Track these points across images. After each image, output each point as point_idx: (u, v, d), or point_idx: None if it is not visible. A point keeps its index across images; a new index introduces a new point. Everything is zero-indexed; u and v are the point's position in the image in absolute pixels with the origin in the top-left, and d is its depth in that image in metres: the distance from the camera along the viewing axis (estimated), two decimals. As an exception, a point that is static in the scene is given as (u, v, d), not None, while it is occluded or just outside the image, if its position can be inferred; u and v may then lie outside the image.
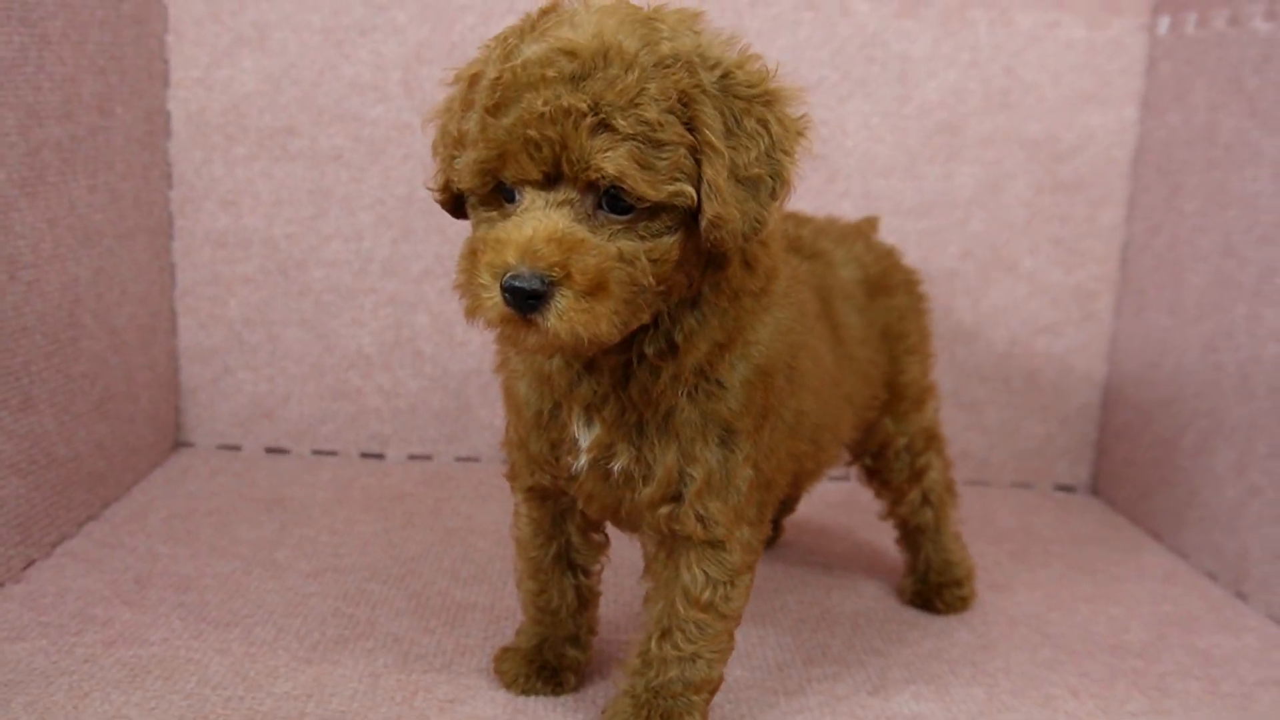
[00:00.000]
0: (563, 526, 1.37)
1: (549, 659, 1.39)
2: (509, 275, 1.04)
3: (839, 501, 2.11)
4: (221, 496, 1.98)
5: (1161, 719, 1.40)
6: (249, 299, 2.17)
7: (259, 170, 2.12)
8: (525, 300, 1.04)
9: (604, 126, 1.04)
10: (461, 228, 2.12)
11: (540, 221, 1.06)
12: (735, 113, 1.10)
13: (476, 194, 1.12)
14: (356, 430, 2.22)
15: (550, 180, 1.07)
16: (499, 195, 1.11)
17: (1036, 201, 2.18)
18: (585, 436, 1.22)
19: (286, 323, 2.18)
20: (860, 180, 2.17)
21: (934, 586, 1.69)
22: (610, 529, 1.40)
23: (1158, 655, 1.58)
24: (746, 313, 1.21)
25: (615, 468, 1.22)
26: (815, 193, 2.16)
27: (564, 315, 1.05)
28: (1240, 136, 1.88)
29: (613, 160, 1.04)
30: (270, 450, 2.23)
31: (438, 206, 2.10)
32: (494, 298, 1.06)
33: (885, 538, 1.84)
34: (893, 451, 1.64)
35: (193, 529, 1.83)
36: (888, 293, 1.58)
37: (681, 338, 1.17)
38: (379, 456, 2.24)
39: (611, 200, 1.07)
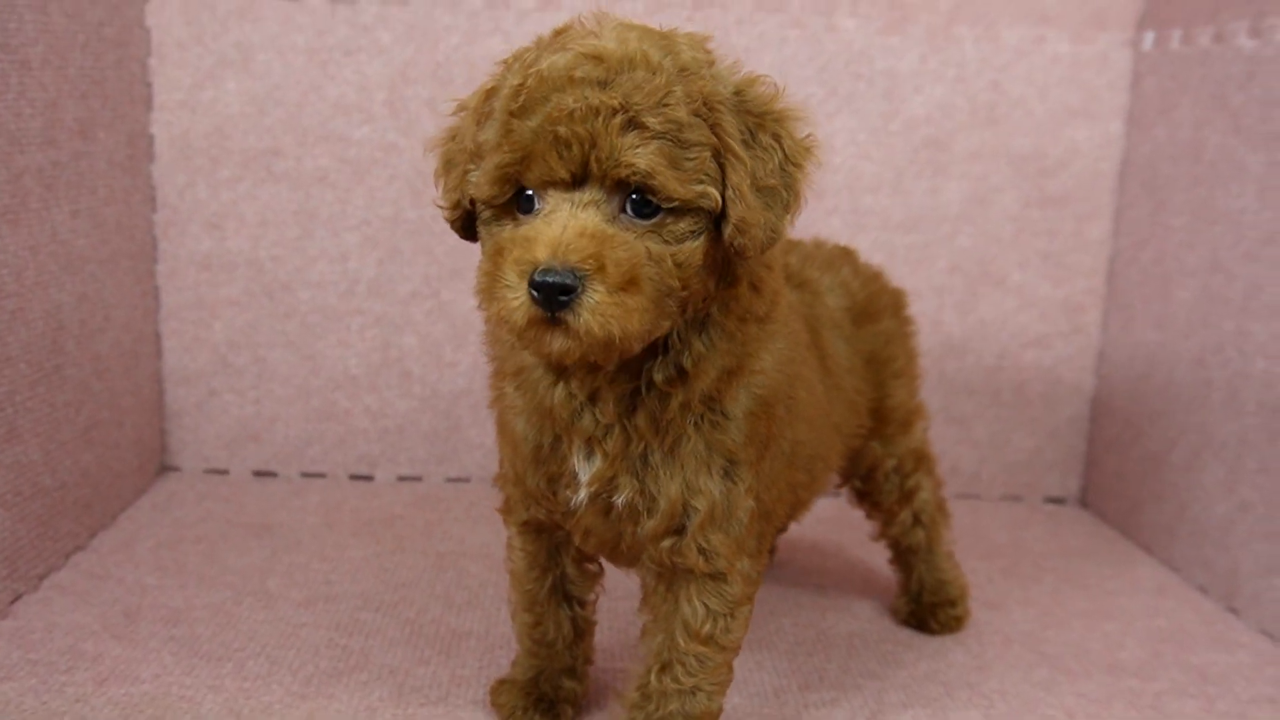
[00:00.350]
0: (558, 559, 1.36)
1: (546, 691, 1.38)
2: (539, 272, 1.02)
3: (831, 517, 2.11)
4: (209, 523, 1.96)
5: (1159, 741, 1.41)
6: (234, 321, 2.15)
7: (243, 192, 2.10)
8: (556, 297, 1.02)
9: (634, 125, 1.05)
10: (448, 248, 2.12)
11: (570, 219, 1.05)
12: (750, 126, 1.12)
13: (493, 204, 1.11)
14: (345, 452, 2.21)
15: (576, 181, 1.06)
16: (514, 208, 1.10)
17: (1024, 216, 2.19)
18: (585, 470, 1.21)
19: (272, 345, 2.16)
20: (848, 197, 2.17)
21: (928, 607, 1.69)
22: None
23: (1154, 673, 1.58)
24: (752, 339, 1.21)
25: (619, 501, 1.21)
26: (803, 210, 2.15)
27: (597, 311, 1.03)
28: (1225, 153, 1.89)
29: (644, 156, 1.04)
30: (258, 473, 2.21)
31: (424, 227, 2.11)
32: (520, 298, 1.04)
33: (878, 554, 1.84)
34: (882, 474, 1.63)
35: (181, 558, 1.81)
36: (873, 319, 1.57)
37: (690, 363, 1.17)
38: (368, 478, 2.22)
39: (636, 205, 1.07)
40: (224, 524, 1.96)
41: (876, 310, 1.58)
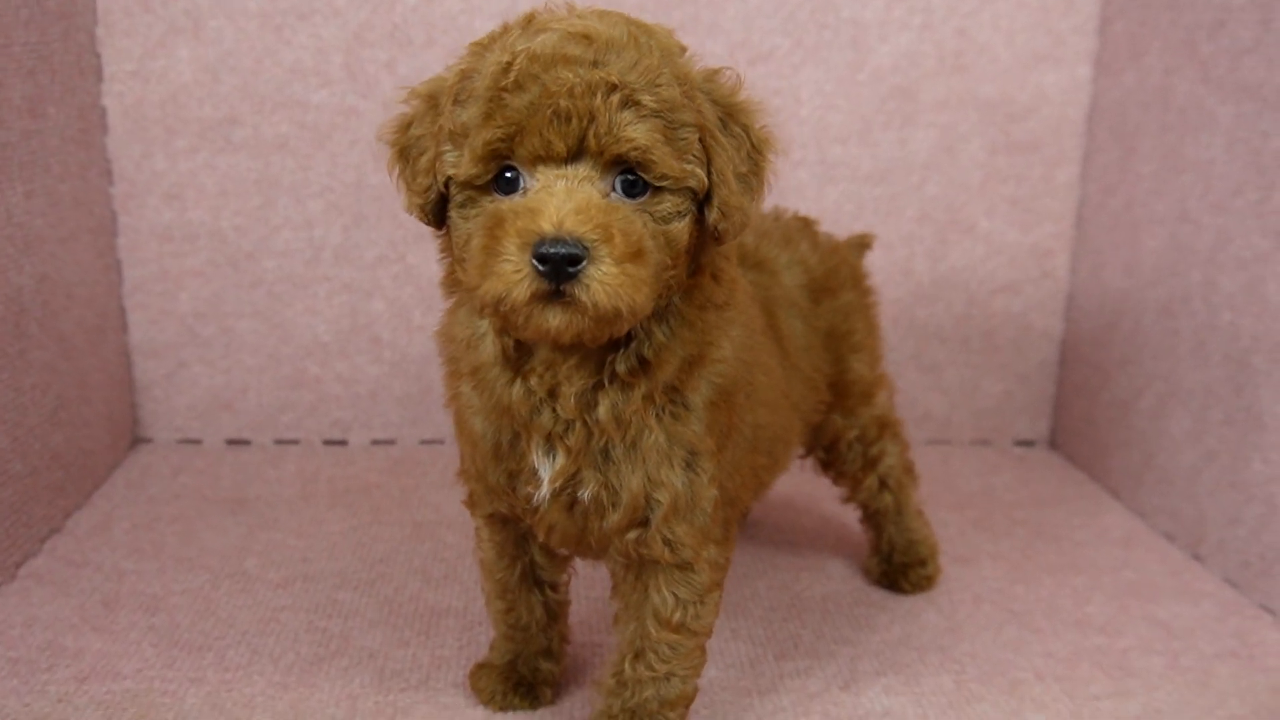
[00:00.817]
0: (526, 546, 1.37)
1: (524, 674, 1.40)
2: (548, 243, 1.01)
3: (803, 472, 2.12)
4: (184, 499, 1.96)
5: (1124, 701, 1.44)
6: (199, 293, 2.12)
7: (202, 162, 2.06)
8: (564, 269, 1.01)
9: (630, 102, 1.05)
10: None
11: (570, 191, 1.04)
12: (720, 115, 1.13)
13: (473, 184, 1.08)
14: (317, 418, 2.21)
15: (570, 157, 1.05)
16: (492, 188, 1.08)
17: (992, 163, 2.18)
18: (547, 467, 1.21)
19: (239, 315, 2.14)
20: (815, 149, 2.15)
21: (899, 567, 1.71)
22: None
23: (1120, 629, 1.61)
24: (712, 327, 1.21)
25: (584, 495, 1.21)
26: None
27: (605, 282, 1.02)
28: (1194, 101, 1.88)
29: (642, 132, 1.04)
30: (231, 442, 2.21)
31: (388, 192, 2.08)
32: (523, 270, 1.02)
33: (850, 510, 1.85)
34: (844, 444, 1.64)
35: (158, 539, 1.81)
36: (832, 294, 1.56)
37: (652, 353, 1.16)
38: (342, 443, 2.22)
39: (625, 184, 1.07)
40: (199, 499, 1.96)
41: (835, 285, 1.57)
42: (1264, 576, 1.69)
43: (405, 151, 1.16)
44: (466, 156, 1.07)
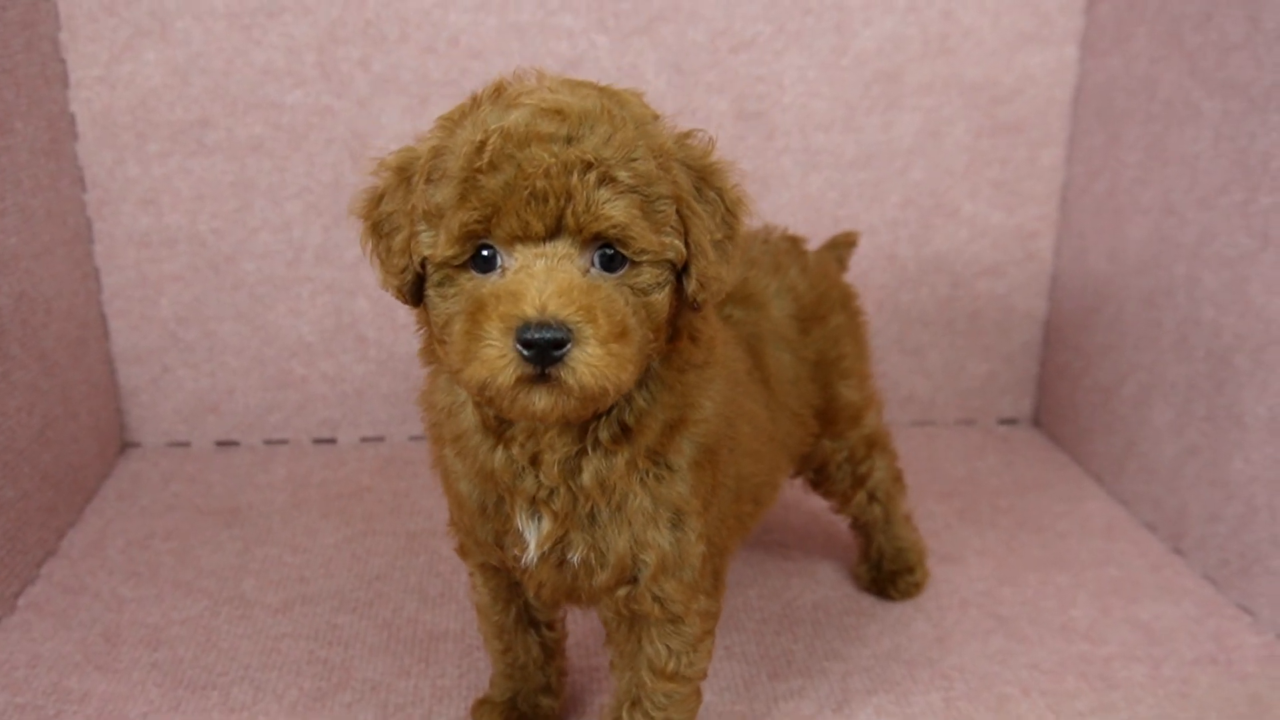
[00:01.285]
0: (519, 590, 1.38)
1: (525, 711, 1.43)
2: (529, 328, 1.01)
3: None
4: (177, 511, 1.97)
5: (1107, 715, 1.49)
6: (180, 297, 2.10)
7: (175, 166, 2.02)
8: (549, 353, 1.01)
9: (607, 179, 1.04)
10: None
11: (551, 272, 1.03)
12: (694, 181, 1.12)
13: (450, 265, 1.07)
14: (306, 417, 2.21)
15: (548, 235, 1.04)
16: (471, 268, 1.07)
17: (977, 146, 2.16)
18: (532, 531, 1.21)
19: (222, 318, 2.12)
20: (799, 135, 2.12)
21: (888, 575, 1.75)
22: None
23: (1103, 635, 1.66)
24: (692, 388, 1.21)
25: (573, 559, 1.22)
26: (755, 151, 2.12)
27: (591, 363, 1.02)
28: (1180, 93, 1.86)
29: (620, 209, 1.04)
30: (220, 444, 2.21)
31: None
32: (508, 355, 1.02)
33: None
34: (833, 465, 1.65)
35: (153, 559, 1.82)
36: (821, 321, 1.56)
37: (633, 419, 1.17)
38: (331, 441, 2.23)
39: (604, 259, 1.06)
40: (192, 511, 1.97)
41: (824, 311, 1.57)
42: (1242, 576, 1.73)
43: (378, 227, 1.14)
44: (443, 237, 1.06)
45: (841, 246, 1.79)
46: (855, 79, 2.10)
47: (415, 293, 1.13)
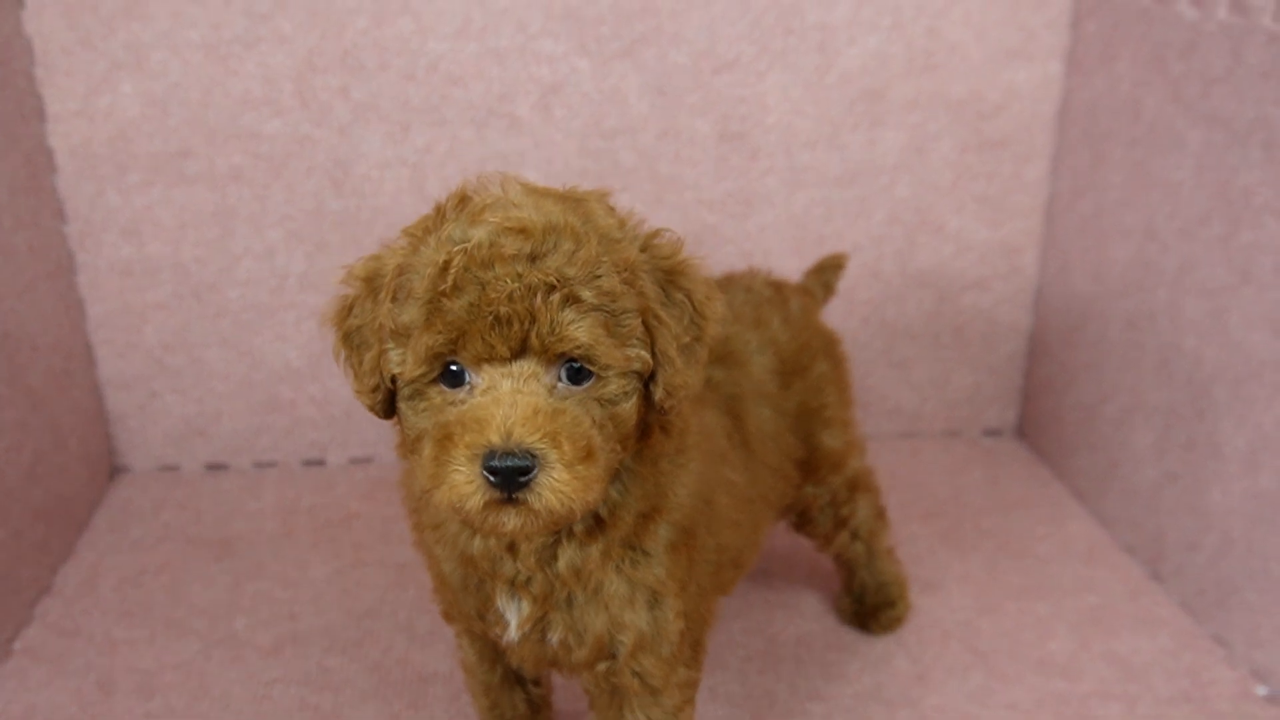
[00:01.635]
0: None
1: (513, 765, 1.47)
2: (494, 455, 1.02)
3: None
4: (168, 543, 1.99)
5: (1082, 759, 1.52)
6: (165, 325, 2.11)
7: (156, 196, 2.02)
8: (514, 480, 1.03)
9: (570, 300, 1.04)
10: (375, 238, 2.06)
11: (516, 395, 1.05)
12: (661, 284, 1.13)
13: (420, 382, 1.09)
14: (294, 439, 2.22)
15: (513, 356, 1.05)
16: (440, 382, 1.09)
17: (962, 161, 2.15)
18: (512, 612, 1.24)
19: (207, 344, 2.13)
20: (784, 155, 2.11)
21: (870, 609, 1.77)
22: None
23: (1080, 671, 1.68)
24: (665, 476, 1.22)
25: (552, 640, 1.25)
26: (738, 172, 2.11)
27: (556, 489, 1.03)
28: (1164, 120, 1.85)
29: (584, 330, 1.04)
30: (210, 466, 2.22)
31: (349, 218, 2.05)
32: (475, 482, 1.03)
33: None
34: (816, 509, 1.66)
35: (146, 597, 1.84)
36: (804, 372, 1.56)
37: (607, 512, 1.19)
38: (320, 463, 2.24)
39: (571, 373, 1.07)
40: (183, 542, 1.99)
41: (806, 362, 1.57)
42: (1218, 607, 1.75)
43: (349, 338, 1.16)
44: (410, 358, 1.07)
45: (829, 270, 1.79)
46: (839, 97, 2.08)
47: (387, 406, 1.15)
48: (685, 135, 2.06)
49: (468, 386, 1.07)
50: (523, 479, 1.02)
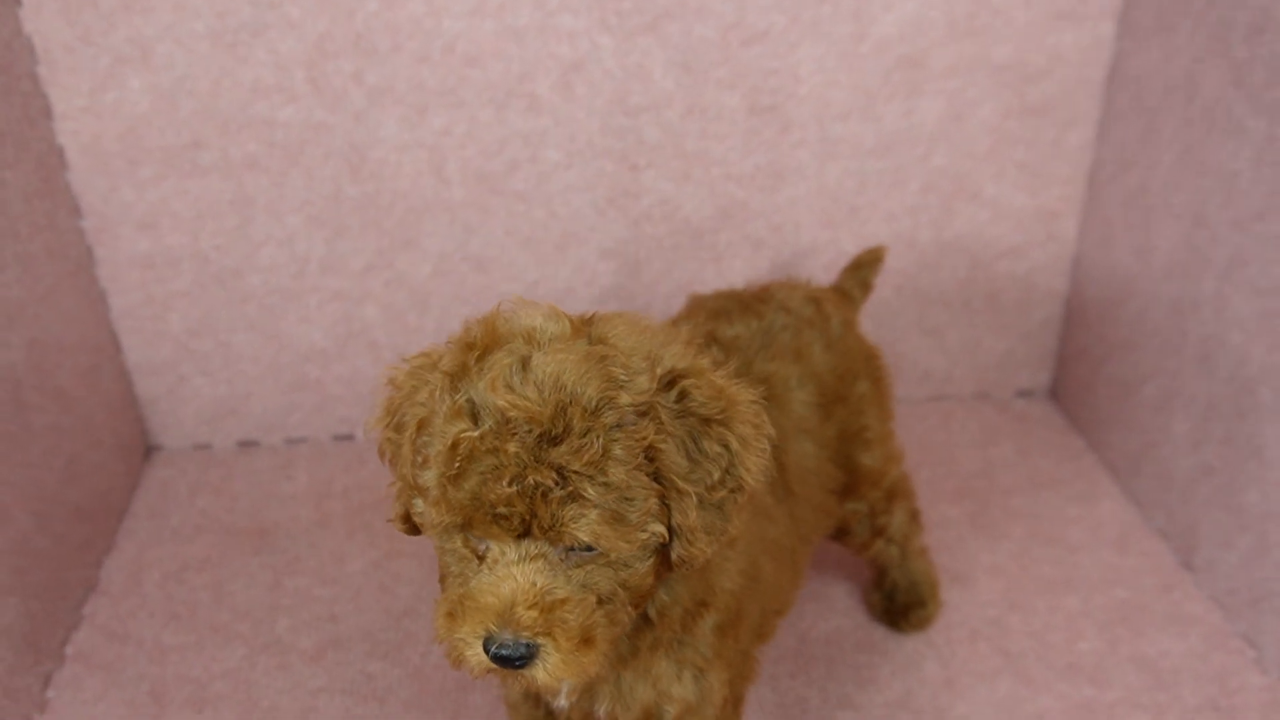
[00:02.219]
0: None
1: (554, 798, 1.52)
2: (494, 644, 1.06)
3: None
4: (207, 534, 2.02)
5: (1107, 778, 1.56)
6: (190, 313, 2.09)
7: (171, 189, 1.97)
8: (512, 664, 1.07)
9: (573, 498, 1.03)
10: (397, 220, 2.01)
11: (517, 580, 1.06)
12: (694, 435, 1.08)
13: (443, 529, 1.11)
14: (325, 415, 2.22)
15: (519, 537, 1.06)
16: (465, 529, 1.10)
17: (1003, 127, 2.06)
18: (566, 682, 1.26)
19: (233, 329, 2.11)
20: (816, 127, 2.03)
21: (900, 608, 1.78)
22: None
23: (1109, 677, 1.71)
24: (713, 569, 1.22)
25: (600, 711, 1.28)
26: (768, 145, 2.03)
27: (553, 671, 1.07)
28: (1223, 105, 1.76)
29: (585, 527, 1.04)
30: (243, 444, 2.24)
31: (368, 202, 2.01)
32: (478, 654, 1.08)
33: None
34: (854, 522, 1.66)
35: (190, 597, 1.88)
36: (844, 400, 1.53)
37: (655, 614, 1.20)
38: (350, 437, 2.25)
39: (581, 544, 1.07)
40: (221, 534, 2.02)
41: (847, 389, 1.54)
42: (1250, 607, 1.76)
43: (393, 449, 1.15)
44: (430, 518, 1.08)
45: (865, 267, 1.74)
46: (875, 66, 1.98)
47: (416, 530, 1.16)
48: (713, 110, 1.98)
49: (484, 545, 1.08)
50: (519, 664, 1.05)
